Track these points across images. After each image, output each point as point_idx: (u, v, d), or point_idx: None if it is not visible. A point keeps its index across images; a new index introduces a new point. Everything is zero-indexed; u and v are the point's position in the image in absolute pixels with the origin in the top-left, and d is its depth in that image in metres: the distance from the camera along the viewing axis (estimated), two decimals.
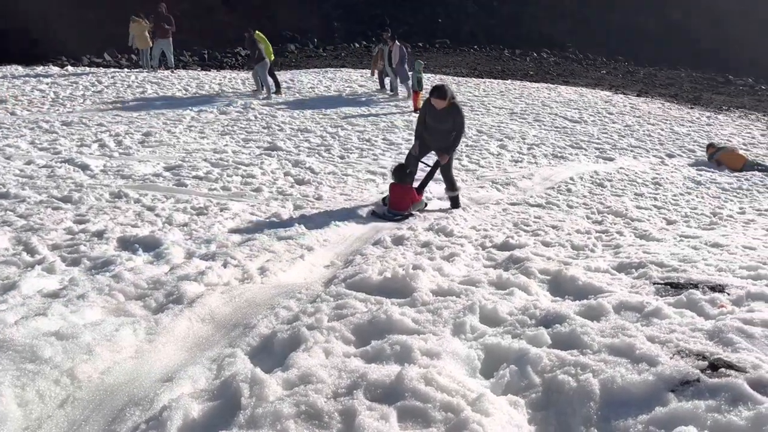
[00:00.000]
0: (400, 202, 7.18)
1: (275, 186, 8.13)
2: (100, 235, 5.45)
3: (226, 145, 10.42)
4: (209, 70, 20.81)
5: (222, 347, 3.17)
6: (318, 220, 6.43)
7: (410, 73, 15.83)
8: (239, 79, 18.09)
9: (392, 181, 7.40)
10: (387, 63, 16.55)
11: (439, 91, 7.22)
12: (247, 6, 27.30)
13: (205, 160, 9.10)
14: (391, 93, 17.20)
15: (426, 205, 7.80)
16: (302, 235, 5.80)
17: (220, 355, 3.03)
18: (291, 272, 4.81)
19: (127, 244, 5.33)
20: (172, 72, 18.22)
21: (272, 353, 3.05)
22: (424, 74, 15.14)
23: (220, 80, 17.66)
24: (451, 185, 7.86)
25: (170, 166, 8.58)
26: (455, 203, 7.91)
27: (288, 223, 6.26)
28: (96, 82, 15.99)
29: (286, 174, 8.83)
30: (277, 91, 16.16)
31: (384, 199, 7.43)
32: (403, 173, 7.40)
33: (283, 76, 19.57)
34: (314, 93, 16.79)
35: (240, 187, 7.88)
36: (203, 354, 3.09)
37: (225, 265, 4.67)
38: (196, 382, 2.75)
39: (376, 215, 7.12)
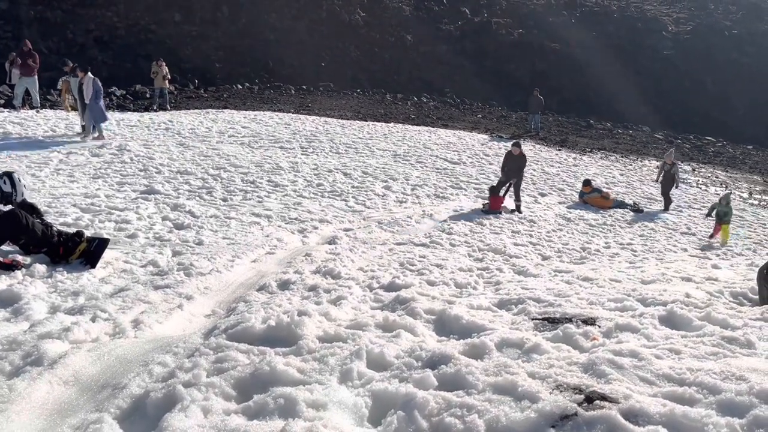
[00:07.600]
0: (495, 205, 12.23)
1: (152, 231, 7.71)
2: None
3: (99, 188, 9.79)
4: None
5: (87, 412, 2.89)
6: (198, 267, 6.13)
7: (712, 209, 13.14)
8: (113, 120, 17.23)
9: (490, 194, 12.46)
10: (78, 97, 14.22)
11: (518, 145, 13.39)
12: (120, 45, 26.27)
13: (74, 205, 8.47)
14: (81, 133, 14.48)
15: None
16: (181, 283, 5.49)
17: (84, 422, 2.75)
18: (168, 324, 4.53)
19: None
20: (38, 112, 17.02)
21: (145, 416, 2.82)
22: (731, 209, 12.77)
23: None
24: (518, 197, 12.95)
25: None
26: (518, 209, 12.70)
27: (165, 271, 5.92)
28: None
29: (164, 218, 8.41)
30: None
31: (484, 205, 12.41)
32: (495, 189, 12.52)
33: (162, 116, 18.88)
34: (195, 134, 16.30)
35: (113, 234, 7.39)
36: (64, 421, 2.80)
37: (94, 320, 4.33)
38: None
39: (485, 212, 11.95)
